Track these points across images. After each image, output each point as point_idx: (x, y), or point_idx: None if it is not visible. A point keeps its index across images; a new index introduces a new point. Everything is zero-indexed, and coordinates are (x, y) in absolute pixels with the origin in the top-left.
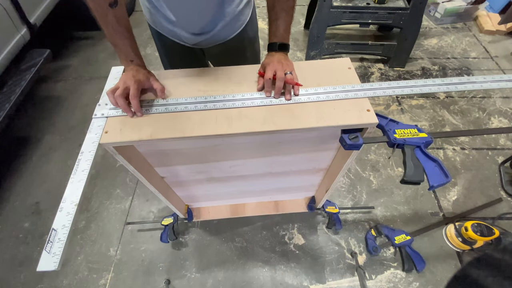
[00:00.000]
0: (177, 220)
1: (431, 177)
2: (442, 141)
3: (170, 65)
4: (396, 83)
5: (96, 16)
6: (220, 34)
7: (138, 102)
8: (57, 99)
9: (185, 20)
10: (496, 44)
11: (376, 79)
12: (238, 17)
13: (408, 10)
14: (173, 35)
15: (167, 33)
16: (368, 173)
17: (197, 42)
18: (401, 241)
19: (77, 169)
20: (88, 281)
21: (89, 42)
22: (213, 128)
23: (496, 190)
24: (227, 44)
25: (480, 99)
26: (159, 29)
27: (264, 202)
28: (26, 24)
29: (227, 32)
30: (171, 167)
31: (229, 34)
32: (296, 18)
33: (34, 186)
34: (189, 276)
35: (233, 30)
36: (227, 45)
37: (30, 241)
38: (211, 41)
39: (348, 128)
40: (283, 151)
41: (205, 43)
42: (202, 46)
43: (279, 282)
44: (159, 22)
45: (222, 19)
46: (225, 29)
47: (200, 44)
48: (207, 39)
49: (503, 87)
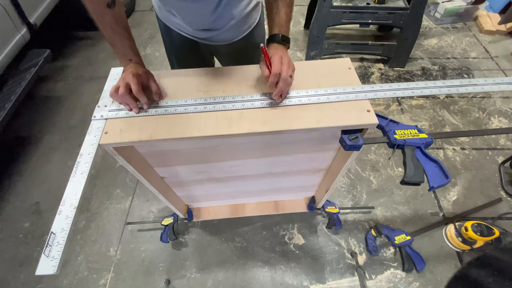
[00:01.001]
0: (177, 220)
1: (431, 177)
2: (442, 141)
3: (176, 59)
4: (397, 85)
5: (94, 17)
6: (227, 34)
7: (144, 95)
8: (57, 99)
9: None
10: (496, 44)
11: (376, 79)
12: (246, 20)
13: (408, 10)
14: (180, 28)
15: (175, 27)
16: (368, 173)
17: (203, 37)
18: (401, 241)
19: (76, 171)
20: (88, 281)
21: (89, 42)
22: (213, 128)
23: (496, 190)
24: (233, 45)
25: (480, 99)
26: (167, 23)
27: (264, 202)
28: (26, 24)
29: (234, 33)
30: (171, 167)
31: (236, 35)
32: (296, 18)
33: (34, 186)
34: (189, 276)
35: (240, 32)
36: (234, 46)
37: (30, 241)
38: (218, 39)
39: (348, 128)
40: (283, 151)
41: (212, 39)
42: (209, 42)
43: (279, 282)
44: (166, 16)
45: (229, 20)
46: (233, 29)
47: (207, 40)
48: (214, 36)
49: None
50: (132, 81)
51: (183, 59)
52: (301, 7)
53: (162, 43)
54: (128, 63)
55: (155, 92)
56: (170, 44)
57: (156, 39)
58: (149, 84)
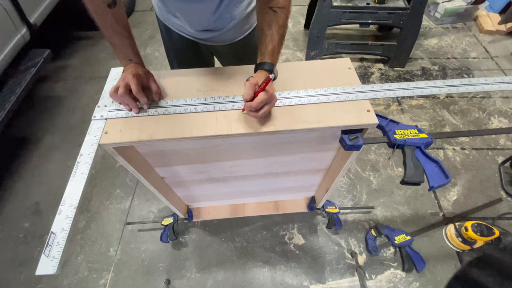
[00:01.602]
0: (177, 220)
1: (431, 177)
2: (442, 141)
3: (176, 60)
4: (397, 85)
5: (94, 17)
6: (227, 34)
7: (144, 96)
8: (57, 99)
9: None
10: (496, 44)
11: (376, 79)
12: (246, 20)
13: (408, 10)
14: (180, 29)
15: (175, 28)
16: (368, 173)
17: (204, 38)
18: (401, 241)
19: (76, 171)
20: (88, 281)
21: (89, 42)
22: (213, 128)
23: (496, 190)
24: (234, 45)
25: (480, 99)
26: (167, 23)
27: (264, 202)
28: (26, 24)
29: (235, 34)
30: (171, 167)
31: (236, 36)
32: (296, 18)
33: (34, 186)
34: (189, 276)
35: (241, 33)
36: (234, 47)
37: (30, 241)
38: (218, 40)
39: (348, 128)
40: (283, 151)
41: (213, 40)
42: (210, 42)
43: (279, 282)
44: (167, 17)
45: (230, 20)
46: (233, 30)
47: (208, 41)
48: (214, 37)
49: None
50: (132, 81)
51: (183, 60)
52: (301, 7)
53: (162, 43)
54: (128, 63)
55: (155, 92)
56: (170, 45)
57: (156, 39)
58: (149, 84)
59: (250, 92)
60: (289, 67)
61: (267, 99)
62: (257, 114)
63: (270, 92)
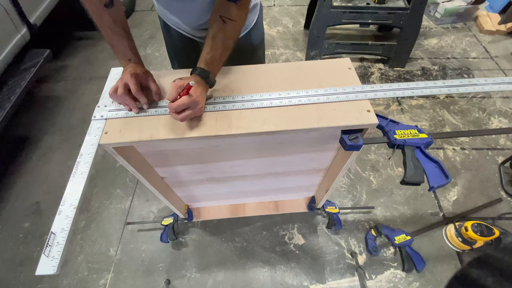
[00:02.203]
0: (177, 220)
1: (431, 178)
2: (442, 141)
3: (175, 56)
4: (397, 85)
5: (92, 17)
6: None
7: (143, 95)
8: (57, 99)
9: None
10: (496, 44)
11: (376, 79)
12: None
13: (408, 10)
14: (178, 26)
15: (173, 25)
16: (368, 173)
17: (200, 36)
18: (401, 241)
19: (76, 171)
20: (88, 281)
21: (89, 42)
22: (213, 129)
23: (496, 190)
24: None
25: (480, 99)
26: (166, 20)
27: (264, 202)
28: (26, 24)
29: None
30: (171, 167)
31: None
32: (296, 18)
33: (34, 186)
34: (189, 276)
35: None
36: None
37: (30, 241)
38: None
39: (348, 128)
40: (283, 151)
41: None
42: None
43: (279, 282)
44: (164, 14)
45: None
46: None
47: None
48: None
49: (504, 90)
50: (131, 81)
51: (182, 57)
52: (301, 7)
53: (162, 43)
54: (127, 63)
55: (155, 92)
56: (169, 41)
57: (156, 39)
58: (149, 84)
59: (173, 93)
60: (289, 67)
61: (188, 104)
62: (177, 117)
63: (193, 97)
